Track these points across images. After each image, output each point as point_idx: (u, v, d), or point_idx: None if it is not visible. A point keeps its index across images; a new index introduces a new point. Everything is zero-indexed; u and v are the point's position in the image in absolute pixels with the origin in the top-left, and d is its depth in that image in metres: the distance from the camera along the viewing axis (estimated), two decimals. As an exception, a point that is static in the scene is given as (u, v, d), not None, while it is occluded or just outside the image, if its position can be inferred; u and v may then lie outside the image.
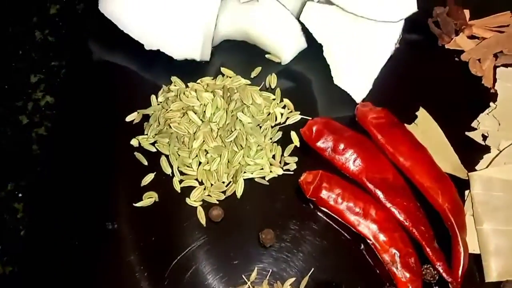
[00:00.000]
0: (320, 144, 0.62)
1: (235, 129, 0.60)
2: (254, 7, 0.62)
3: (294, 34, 0.66)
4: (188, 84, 0.64)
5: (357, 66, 0.63)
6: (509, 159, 0.61)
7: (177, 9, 0.61)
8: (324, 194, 0.59)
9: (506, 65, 0.69)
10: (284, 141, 0.63)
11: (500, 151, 0.61)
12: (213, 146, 0.59)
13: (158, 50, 0.65)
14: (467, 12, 0.73)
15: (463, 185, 0.61)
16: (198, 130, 0.59)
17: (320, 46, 0.66)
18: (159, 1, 0.61)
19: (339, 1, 0.60)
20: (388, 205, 0.59)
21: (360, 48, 0.63)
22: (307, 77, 0.69)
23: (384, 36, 0.62)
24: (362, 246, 0.58)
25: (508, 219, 0.58)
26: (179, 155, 0.60)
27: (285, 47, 0.66)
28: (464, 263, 0.56)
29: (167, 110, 0.61)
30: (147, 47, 0.63)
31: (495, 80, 0.68)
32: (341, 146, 0.61)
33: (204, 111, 0.60)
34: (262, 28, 0.64)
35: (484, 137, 0.64)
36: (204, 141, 0.59)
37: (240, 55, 0.69)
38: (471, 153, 0.63)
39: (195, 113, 0.60)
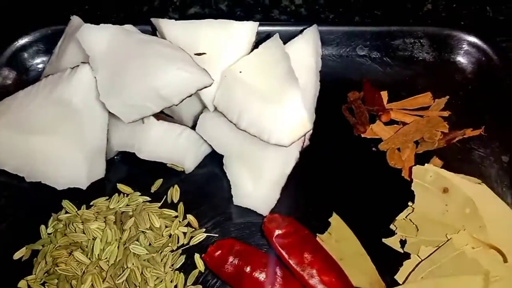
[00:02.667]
0: (224, 270, 0.57)
1: (127, 267, 0.55)
2: (143, 127, 0.57)
3: (193, 143, 0.61)
4: (79, 211, 0.59)
5: (260, 178, 0.58)
6: (427, 272, 0.57)
7: (54, 137, 0.56)
8: (227, 332, 0.55)
9: (426, 153, 0.66)
10: (187, 266, 0.59)
11: (418, 263, 0.58)
12: (103, 288, 0.55)
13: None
14: (384, 95, 0.69)
15: (381, 299, 0.58)
16: (86, 271, 0.55)
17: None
18: (33, 132, 0.56)
19: (233, 118, 0.55)
20: (297, 338, 0.55)
21: (260, 158, 0.58)
22: (213, 183, 0.63)
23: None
24: None
25: None
26: (70, 298, 0.56)
27: (186, 157, 0.61)
28: None
29: (55, 246, 0.57)
30: (28, 179, 0.58)
31: (416, 170, 0.64)
32: (248, 270, 0.57)
33: (93, 247, 0.56)
34: (155, 145, 0.59)
35: (403, 243, 0.61)
36: (92, 284, 0.54)
37: (139, 165, 0.63)
38: (390, 260, 0.59)
39: (83, 251, 0.56)
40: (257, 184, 0.58)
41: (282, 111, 0.53)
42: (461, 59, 0.70)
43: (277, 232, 0.58)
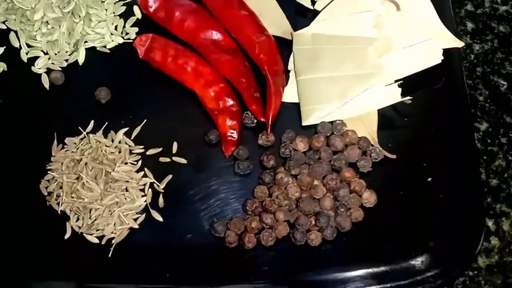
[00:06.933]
0: (156, 12, 0.67)
1: (73, 0, 0.65)
2: None
3: None
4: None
5: None
6: (330, 15, 0.67)
7: None
8: (155, 54, 0.64)
9: None
10: (127, 15, 0.69)
11: (322, 9, 0.67)
12: (52, 17, 0.64)
13: None
14: None
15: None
16: (38, 3, 0.65)
17: None
18: None
19: None
20: (214, 62, 0.64)
21: None
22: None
23: None
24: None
25: (320, 69, 0.64)
26: (25, 30, 0.66)
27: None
28: (276, 104, 0.62)
29: (15, 16, 0.67)
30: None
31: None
32: (176, 14, 0.66)
33: (46, -7, 0.66)
34: None
35: (313, 2, 0.70)
36: (44, 14, 0.65)
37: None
38: (302, 18, 0.69)
39: (36, -2, 0.66)
40: None
41: None
42: None
43: (205, -13, 0.68)
